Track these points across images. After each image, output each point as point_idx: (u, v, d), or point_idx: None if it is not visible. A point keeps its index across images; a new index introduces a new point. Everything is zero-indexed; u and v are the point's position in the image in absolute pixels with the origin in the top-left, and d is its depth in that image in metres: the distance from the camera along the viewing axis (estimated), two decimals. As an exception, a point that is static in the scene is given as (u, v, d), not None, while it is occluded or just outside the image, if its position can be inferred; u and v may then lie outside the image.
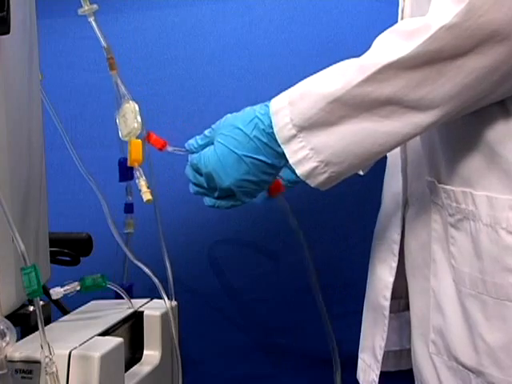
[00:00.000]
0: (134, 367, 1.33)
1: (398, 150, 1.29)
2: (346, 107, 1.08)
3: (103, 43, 1.35)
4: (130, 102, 1.34)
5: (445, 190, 1.18)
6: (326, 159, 1.11)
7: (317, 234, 2.05)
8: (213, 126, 1.23)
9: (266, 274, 2.06)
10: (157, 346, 1.37)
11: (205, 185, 1.23)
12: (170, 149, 1.31)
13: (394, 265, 1.33)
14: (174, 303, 1.41)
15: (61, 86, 1.97)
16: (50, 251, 1.41)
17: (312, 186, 1.15)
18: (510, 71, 1.04)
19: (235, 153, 1.17)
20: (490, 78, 1.04)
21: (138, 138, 1.33)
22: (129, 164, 1.34)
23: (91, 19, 1.34)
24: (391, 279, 1.33)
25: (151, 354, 1.36)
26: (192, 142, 1.25)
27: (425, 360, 1.27)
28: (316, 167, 1.12)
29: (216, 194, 1.23)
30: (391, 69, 1.05)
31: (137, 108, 1.33)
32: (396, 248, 1.33)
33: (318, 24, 2.04)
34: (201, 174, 1.23)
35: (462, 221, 1.15)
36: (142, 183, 1.33)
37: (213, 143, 1.21)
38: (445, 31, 1.02)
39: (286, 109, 1.12)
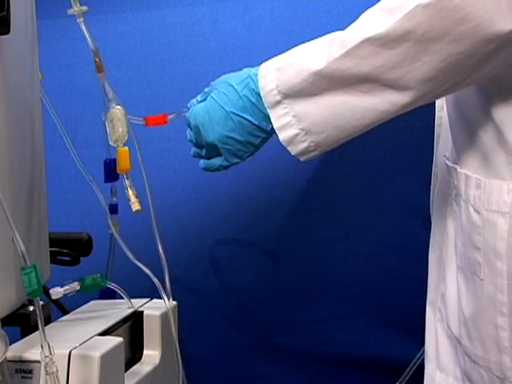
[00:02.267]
0: (133, 367, 1.33)
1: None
2: (327, 80, 1.11)
3: (91, 45, 1.34)
4: (117, 106, 1.33)
5: (447, 166, 1.24)
6: (307, 128, 1.14)
7: (318, 234, 2.06)
8: (212, 83, 1.25)
9: (265, 274, 2.06)
10: (157, 346, 1.37)
11: (193, 140, 1.26)
12: (172, 116, 1.32)
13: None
14: (174, 303, 1.41)
15: (61, 86, 1.97)
16: (50, 251, 1.41)
17: (292, 153, 1.17)
18: (486, 58, 1.05)
19: (224, 109, 1.19)
20: (465, 64, 1.06)
21: (125, 144, 1.33)
22: (118, 171, 1.34)
23: (80, 20, 1.33)
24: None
25: (151, 354, 1.36)
26: (193, 101, 1.27)
27: (430, 326, 1.32)
28: (297, 134, 1.15)
29: (204, 152, 1.25)
30: (369, 45, 1.07)
31: (123, 113, 1.33)
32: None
33: (318, 24, 2.04)
34: (192, 129, 1.25)
35: (457, 196, 1.20)
36: (130, 193, 1.33)
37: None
38: (420, 10, 1.03)
39: (273, 74, 1.16)
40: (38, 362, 1.10)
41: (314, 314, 2.09)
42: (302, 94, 1.13)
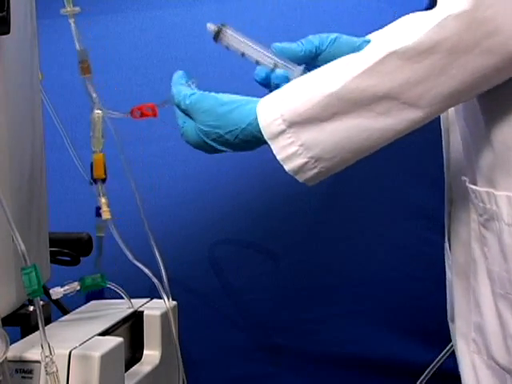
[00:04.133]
0: (134, 367, 1.33)
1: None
2: (343, 102, 1.06)
3: (77, 46, 1.35)
4: (96, 111, 1.33)
5: (473, 190, 1.18)
6: (317, 155, 1.09)
7: (318, 234, 2.06)
8: (188, 109, 1.16)
9: (266, 274, 2.06)
10: (157, 346, 1.37)
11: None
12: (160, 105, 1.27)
13: (450, 262, 1.33)
14: (174, 303, 1.41)
15: (61, 86, 1.97)
16: (50, 251, 1.41)
17: (300, 181, 1.12)
18: (510, 71, 1.04)
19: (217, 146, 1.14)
20: (491, 78, 1.04)
21: (101, 150, 1.34)
22: (93, 177, 1.35)
23: (71, 21, 1.33)
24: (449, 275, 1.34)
25: (151, 354, 1.36)
26: (180, 100, 1.19)
27: (465, 359, 1.26)
28: (306, 163, 1.09)
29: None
30: (393, 59, 1.03)
31: (100, 117, 1.33)
32: (447, 246, 1.33)
33: (318, 24, 2.04)
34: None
35: (489, 221, 1.15)
36: (103, 201, 1.34)
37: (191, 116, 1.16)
38: (452, 20, 1.00)
39: (276, 104, 1.10)
40: (38, 362, 1.10)
41: (313, 314, 2.09)
42: (310, 120, 1.07)
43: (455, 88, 1.04)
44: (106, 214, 1.34)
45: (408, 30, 1.04)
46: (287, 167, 1.11)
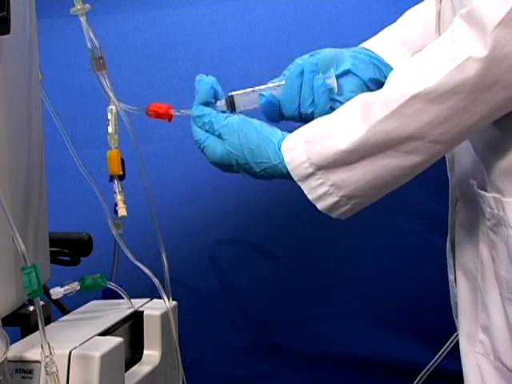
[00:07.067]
0: (133, 367, 1.33)
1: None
2: (369, 146, 1.08)
3: (89, 45, 1.34)
4: (111, 106, 1.33)
5: (480, 195, 1.18)
6: (348, 194, 1.11)
7: (318, 234, 2.06)
8: (222, 129, 1.17)
9: (265, 274, 2.06)
10: (157, 346, 1.37)
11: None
12: (177, 113, 1.26)
13: (451, 262, 1.33)
14: (174, 303, 1.41)
15: (61, 86, 1.97)
16: (50, 251, 1.41)
17: (333, 217, 1.16)
18: None
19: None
20: (509, 107, 1.05)
21: (117, 147, 1.33)
22: (110, 173, 1.34)
23: (82, 19, 1.33)
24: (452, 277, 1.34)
25: (151, 354, 1.36)
26: (199, 122, 1.20)
27: (469, 359, 1.26)
28: (338, 201, 1.13)
29: None
30: (417, 101, 1.04)
31: (114, 113, 1.32)
32: (449, 246, 1.34)
33: (318, 24, 2.04)
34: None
35: (497, 226, 1.15)
36: (119, 198, 1.33)
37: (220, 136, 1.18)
38: (472, 62, 1.02)
39: (302, 147, 1.12)
40: (38, 362, 1.10)
41: (314, 314, 2.09)
42: (338, 164, 1.09)
43: (477, 122, 1.06)
44: (122, 211, 1.34)
45: (427, 70, 1.05)
46: (319, 206, 1.14)
